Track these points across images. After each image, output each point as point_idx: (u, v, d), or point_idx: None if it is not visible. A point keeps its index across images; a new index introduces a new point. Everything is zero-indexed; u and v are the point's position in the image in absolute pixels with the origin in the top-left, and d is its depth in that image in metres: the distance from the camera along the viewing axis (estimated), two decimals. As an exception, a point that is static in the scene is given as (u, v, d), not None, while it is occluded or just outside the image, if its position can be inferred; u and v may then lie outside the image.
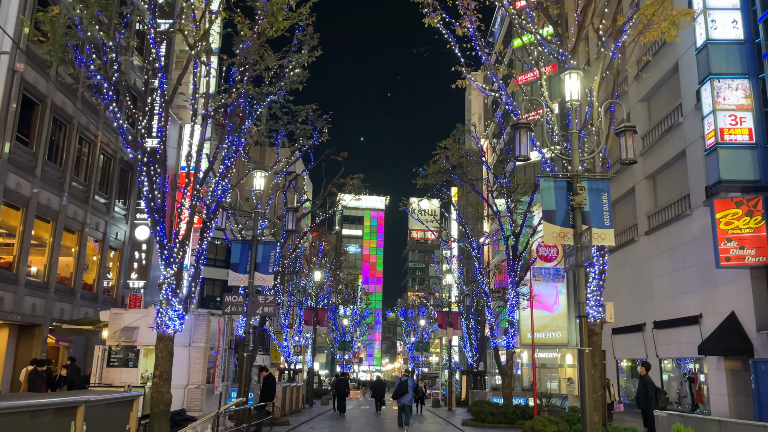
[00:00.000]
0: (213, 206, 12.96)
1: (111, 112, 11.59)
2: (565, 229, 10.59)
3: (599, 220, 10.59)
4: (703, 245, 21.82)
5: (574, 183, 10.67)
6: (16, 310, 17.92)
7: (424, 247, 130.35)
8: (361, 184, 21.34)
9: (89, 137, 22.39)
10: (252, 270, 15.61)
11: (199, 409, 13.76)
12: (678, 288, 23.98)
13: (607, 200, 10.80)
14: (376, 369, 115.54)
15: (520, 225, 20.63)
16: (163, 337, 11.83)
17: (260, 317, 19.19)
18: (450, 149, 21.50)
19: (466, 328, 34.62)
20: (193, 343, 14.19)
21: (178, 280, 11.97)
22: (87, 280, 23.11)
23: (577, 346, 10.51)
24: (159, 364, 11.73)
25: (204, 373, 14.12)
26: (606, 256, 12.49)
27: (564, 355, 49.03)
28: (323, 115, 19.25)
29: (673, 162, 24.74)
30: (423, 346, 53.97)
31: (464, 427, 18.52)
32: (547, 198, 10.72)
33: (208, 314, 14.55)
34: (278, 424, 17.74)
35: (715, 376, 20.98)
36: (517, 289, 20.16)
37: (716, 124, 18.45)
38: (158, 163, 12.37)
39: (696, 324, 22.14)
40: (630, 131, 10.81)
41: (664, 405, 12.20)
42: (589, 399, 9.95)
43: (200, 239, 12.61)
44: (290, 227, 16.55)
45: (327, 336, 60.95)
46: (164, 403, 11.53)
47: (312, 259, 36.31)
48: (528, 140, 10.97)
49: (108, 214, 23.89)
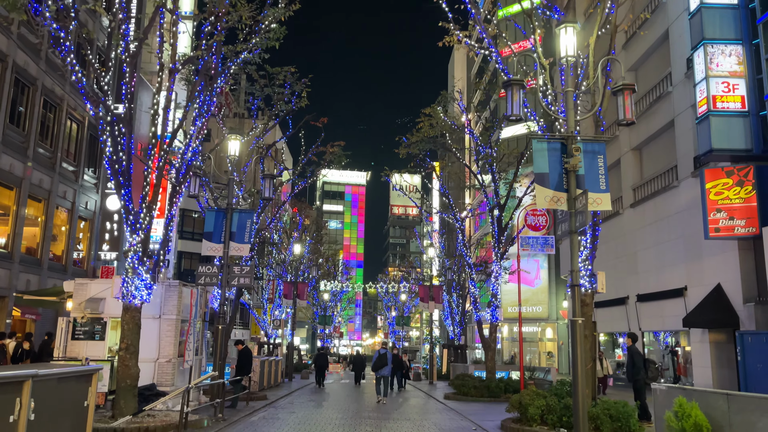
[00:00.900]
0: (183, 169, 12.12)
1: (69, 64, 10.63)
2: (559, 194, 9.97)
3: (595, 183, 9.99)
4: (690, 217, 21.48)
5: (569, 144, 10.02)
6: (-23, 281, 16.98)
7: (406, 223, 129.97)
8: (341, 152, 20.53)
9: (55, 101, 21.22)
10: (227, 239, 14.83)
11: (170, 384, 13.08)
12: (663, 260, 23.70)
13: (603, 163, 10.18)
14: (356, 343, 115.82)
15: (505, 196, 20.03)
16: (129, 308, 11.08)
17: (236, 289, 18.46)
18: (434, 117, 20.75)
19: (447, 302, 34.27)
20: (163, 315, 13.44)
21: (144, 248, 11.19)
22: (56, 252, 22.14)
23: (559, 320, 9.97)
24: (125, 336, 11.00)
25: (175, 346, 13.41)
26: (599, 223, 11.94)
27: (544, 329, 49.16)
28: (302, 78, 18.36)
29: (660, 133, 24.27)
30: (404, 321, 53.75)
31: (446, 401, 18.11)
32: (540, 160, 10.08)
33: (180, 285, 13.79)
34: (256, 398, 17.14)
35: (699, 348, 20.81)
36: (501, 261, 19.64)
37: (708, 91, 17.92)
38: (123, 122, 11.49)
39: (681, 296, 21.90)
40: (628, 90, 10.16)
41: (655, 375, 11.80)
42: (582, 372, 9.43)
43: (169, 204, 11.79)
44: (267, 195, 15.76)
45: (308, 310, 60.49)
46: (131, 377, 10.84)
47: (292, 233, 35.54)
48: (520, 99, 10.27)
49: (77, 182, 22.82)
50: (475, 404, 17.14)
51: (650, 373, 11.84)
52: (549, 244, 15.29)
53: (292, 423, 12.34)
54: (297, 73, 17.96)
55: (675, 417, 6.98)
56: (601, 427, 10.36)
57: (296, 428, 11.56)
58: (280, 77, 18.10)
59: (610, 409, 10.51)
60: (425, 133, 20.28)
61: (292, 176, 21.12)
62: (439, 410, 15.81)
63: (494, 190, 19.94)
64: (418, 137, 20.39)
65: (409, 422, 13.04)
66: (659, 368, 11.92)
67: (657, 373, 11.86)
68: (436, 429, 11.91)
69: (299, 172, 20.83)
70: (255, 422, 12.25)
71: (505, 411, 12.20)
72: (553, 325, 47.57)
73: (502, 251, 19.59)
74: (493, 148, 20.31)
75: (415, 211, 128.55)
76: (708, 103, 17.88)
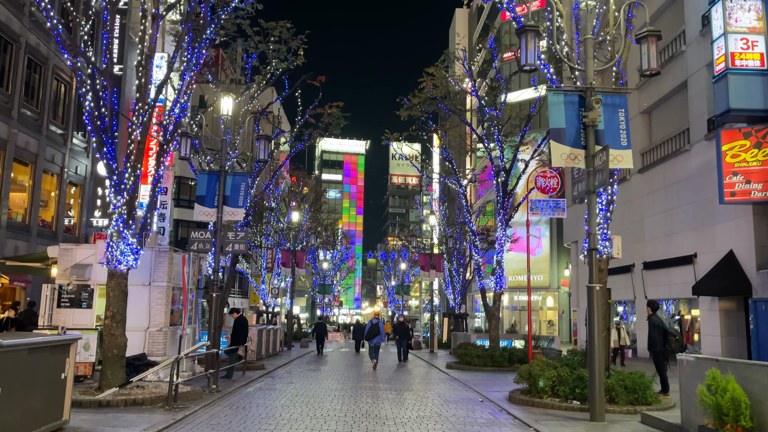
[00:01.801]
0: (171, 127, 11.31)
1: (42, 10, 9.74)
2: (576, 150, 9.22)
3: (615, 139, 9.24)
4: (702, 182, 20.74)
5: (587, 97, 9.24)
6: (-39, 247, 16.30)
7: (405, 192, 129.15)
8: (340, 114, 19.61)
9: (40, 59, 20.24)
10: (220, 203, 14.10)
11: (162, 354, 12.49)
12: (672, 227, 23.03)
13: (624, 117, 9.41)
14: (355, 312, 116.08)
15: (510, 160, 19.23)
16: (114, 274, 10.40)
17: (232, 256, 17.77)
18: (437, 77, 19.80)
19: (448, 270, 33.71)
20: (153, 282, 12.77)
21: (129, 210, 10.46)
22: (45, 218, 21.42)
23: (560, 289, 9.34)
24: (111, 304, 10.34)
25: (167, 314, 12.78)
26: (615, 184, 11.20)
27: (545, 297, 48.83)
28: (298, 34, 17.39)
29: (672, 95, 23.36)
30: (403, 290, 53.38)
31: (449, 371, 17.61)
32: (556, 114, 9.31)
33: (171, 250, 13.10)
34: (253, 368, 16.62)
35: (708, 316, 20.28)
36: (506, 228, 18.95)
37: (727, 48, 16.98)
38: (104, 75, 10.64)
39: (690, 264, 21.29)
40: (653, 36, 9.33)
41: (677, 348, 11.16)
42: (599, 341, 8.82)
43: (157, 164, 11.02)
44: (262, 157, 14.97)
45: (307, 279, 60.12)
46: (118, 347, 10.22)
47: (290, 201, 34.79)
48: (535, 47, 9.44)
49: (65, 146, 21.96)
50: (479, 374, 16.64)
51: (672, 345, 11.20)
52: (560, 208, 14.55)
53: (288, 394, 11.78)
54: (293, 29, 17.00)
55: (708, 391, 6.34)
56: (616, 399, 9.79)
57: (293, 400, 11.00)
58: (275, 33, 17.14)
59: (625, 380, 9.93)
60: (427, 94, 19.37)
61: (288, 139, 20.24)
62: (442, 380, 15.29)
63: (499, 152, 19.14)
64: (420, 98, 19.48)
65: (412, 393, 12.50)
66: (680, 339, 11.27)
67: (679, 345, 11.21)
68: (440, 400, 11.36)
69: (296, 134, 19.95)
70: (250, 393, 11.69)
71: (514, 382, 11.63)
72: (554, 293, 47.22)
73: (508, 217, 18.89)
74: (498, 109, 19.44)
75: (414, 181, 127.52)
76: (726, 61, 16.97)
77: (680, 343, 11.33)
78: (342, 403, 10.66)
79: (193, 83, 11.45)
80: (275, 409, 9.90)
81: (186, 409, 9.23)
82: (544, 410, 9.93)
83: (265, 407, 10.02)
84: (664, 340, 11.17)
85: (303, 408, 10.04)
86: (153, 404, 9.47)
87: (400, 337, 22.54)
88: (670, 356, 12.08)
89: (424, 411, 10.04)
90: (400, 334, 22.72)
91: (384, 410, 10.00)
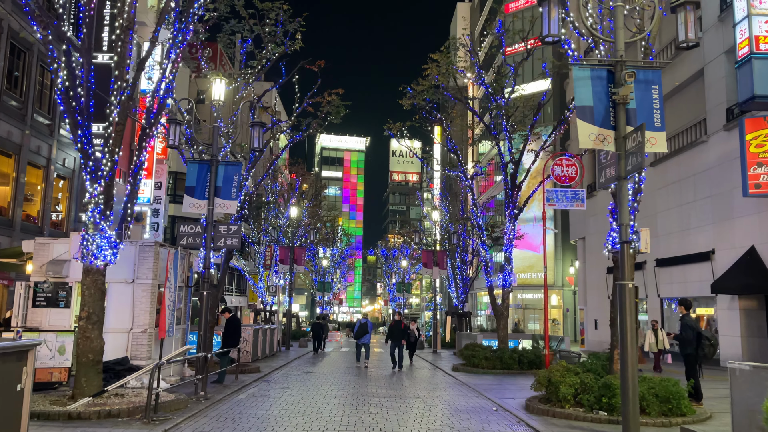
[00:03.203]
0: (154, 109, 10.30)
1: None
2: (605, 131, 8.20)
3: (648, 119, 8.22)
4: (721, 174, 19.76)
5: (617, 71, 8.21)
6: (-64, 242, 15.29)
7: (405, 190, 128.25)
8: (340, 102, 18.56)
9: (24, 46, 19.21)
10: (212, 194, 13.11)
11: (146, 358, 11.49)
12: (687, 222, 22.03)
13: (658, 95, 8.39)
14: (355, 311, 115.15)
15: (519, 151, 18.21)
16: (90, 270, 9.39)
17: (225, 251, 16.76)
18: (441, 63, 18.75)
19: (451, 267, 32.70)
20: (137, 279, 11.77)
21: (107, 199, 9.45)
22: (30, 212, 20.40)
23: (565, 287, 8.35)
24: (86, 303, 9.34)
25: (152, 314, 11.77)
26: (643, 171, 10.18)
27: (549, 296, 47.78)
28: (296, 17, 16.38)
29: (686, 84, 22.35)
30: (405, 287, 52.39)
31: (456, 373, 16.61)
32: (583, 90, 8.29)
33: (156, 245, 12.08)
34: (247, 371, 15.63)
35: (727, 316, 19.30)
36: (514, 221, 17.93)
37: (751, 31, 15.94)
38: (80, 52, 9.63)
39: (707, 260, 20.30)
40: (692, 4, 8.31)
41: (711, 352, 10.17)
42: (632, 346, 7.81)
43: (138, 148, 10.00)
44: (256, 145, 13.95)
45: (306, 277, 59.11)
46: (93, 351, 9.21)
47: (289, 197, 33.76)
48: (558, 15, 8.43)
49: (52, 137, 20.94)
50: (488, 377, 15.65)
51: (705, 350, 10.21)
52: (579, 199, 13.53)
53: (284, 402, 10.78)
54: (290, 10, 15.97)
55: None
56: (648, 410, 8.80)
57: (289, 409, 9.99)
58: (271, 15, 16.12)
59: (655, 388, 8.93)
60: (432, 81, 18.33)
61: (286, 128, 19.19)
62: (449, 384, 14.28)
63: (507, 143, 18.13)
64: (424, 85, 18.44)
65: (419, 401, 11.49)
66: (715, 344, 10.22)
67: (714, 350, 10.19)
68: (450, 409, 10.35)
69: (293, 124, 18.89)
70: (241, 401, 10.68)
71: (531, 389, 10.62)
72: (559, 291, 46.17)
73: (516, 211, 17.88)
74: (506, 98, 18.43)
75: (414, 178, 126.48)
76: (750, 45, 15.93)
77: (715, 348, 10.29)
78: (342, 414, 9.65)
79: (179, 61, 10.43)
80: (268, 421, 8.90)
81: (167, 422, 8.22)
82: (567, 422, 8.94)
83: (257, 419, 9.01)
84: (697, 343, 10.18)
85: (299, 419, 9.03)
86: (130, 416, 8.46)
87: (393, 339, 18.37)
88: (702, 361, 11.12)
89: (434, 423, 9.03)
90: (394, 335, 18.45)
91: (390, 423, 8.99)
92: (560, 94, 40.14)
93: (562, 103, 39.69)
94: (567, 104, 35.48)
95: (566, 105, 35.67)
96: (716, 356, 16.23)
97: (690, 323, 10.26)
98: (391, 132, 20.40)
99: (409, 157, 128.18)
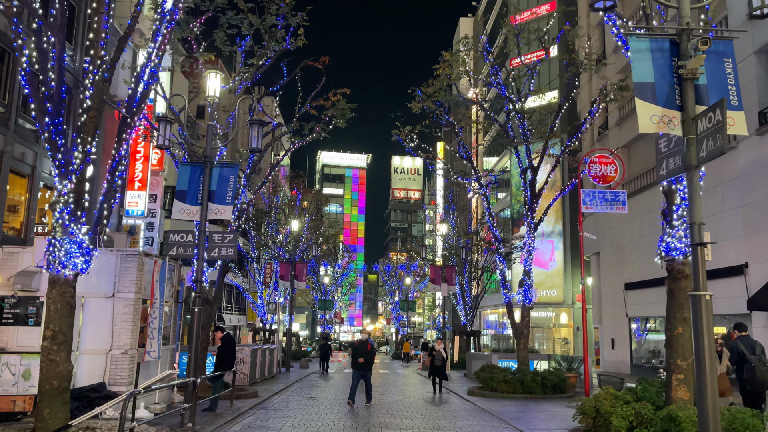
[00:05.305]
0: (137, 96, 8.98)
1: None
2: (670, 112, 6.87)
3: (723, 97, 6.89)
4: (752, 182, 18.45)
5: (683, 42, 6.91)
6: None
7: (407, 207, 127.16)
8: (346, 105, 17.27)
9: (7, 45, 17.97)
10: (205, 199, 11.76)
11: (127, 383, 10.04)
12: (714, 235, 20.54)
13: (732, 68, 7.09)
14: (357, 330, 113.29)
15: (540, 154, 16.90)
16: (57, 281, 7.99)
17: (221, 264, 15.35)
18: (452, 64, 17.52)
19: (459, 284, 31.24)
20: (118, 293, 10.36)
21: (78, 197, 8.09)
22: (14, 224, 19.02)
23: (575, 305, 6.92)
24: (52, 320, 7.93)
25: (135, 333, 10.35)
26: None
27: (559, 314, 46.18)
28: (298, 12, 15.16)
29: (711, 88, 21.13)
30: (408, 305, 50.87)
31: (473, 398, 15.10)
32: (641, 65, 6.98)
33: (141, 254, 10.69)
34: (244, 396, 14.13)
35: (764, 335, 17.83)
36: (534, 231, 16.58)
37: (792, 24, 14.73)
38: (51, 29, 8.35)
39: (740, 275, 18.88)
40: (768, -37, 7.03)
41: (756, 377, 8.67)
42: (711, 371, 6.39)
43: (118, 140, 8.66)
44: (255, 145, 12.62)
45: (307, 296, 57.58)
46: (59, 377, 7.78)
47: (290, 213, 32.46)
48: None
49: (38, 143, 19.62)
50: (508, 402, 14.16)
51: (747, 373, 8.79)
52: (619, 201, 12.14)
53: (285, 434, 9.31)
54: (293, 2, 14.75)
55: None
56: (722, 447, 7.34)
57: (290, 444, 8.52)
58: (272, 9, 14.90)
59: (732, 421, 7.47)
60: (444, 81, 17.07)
61: (288, 131, 17.86)
62: (468, 412, 12.77)
63: (525, 147, 16.84)
64: (435, 86, 17.17)
65: (438, 432, 10.01)
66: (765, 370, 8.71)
67: (762, 375, 8.68)
68: (477, 444, 8.87)
69: (295, 128, 17.59)
70: (236, 434, 9.21)
71: (573, 420, 9.14)
72: (569, 309, 44.61)
73: (537, 221, 16.52)
74: (523, 101, 17.18)
75: (416, 195, 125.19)
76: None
77: (764, 375, 8.76)
78: (353, 450, 8.19)
79: (167, 42, 9.14)
80: (265, 460, 7.45)
81: (143, 464, 6.78)
82: (623, 462, 7.48)
83: (252, 457, 7.57)
84: (740, 368, 8.78)
85: (302, 458, 7.58)
86: (100, 456, 7.02)
87: (357, 367, 13.83)
88: (750, 387, 9.67)
89: (463, 462, 7.57)
90: (359, 364, 13.85)
91: (409, 461, 7.53)
92: (568, 108, 39.00)
93: (570, 115, 38.59)
94: (577, 115, 34.32)
95: (576, 116, 34.51)
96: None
97: (733, 345, 8.89)
98: (399, 137, 19.09)
99: (411, 174, 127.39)
